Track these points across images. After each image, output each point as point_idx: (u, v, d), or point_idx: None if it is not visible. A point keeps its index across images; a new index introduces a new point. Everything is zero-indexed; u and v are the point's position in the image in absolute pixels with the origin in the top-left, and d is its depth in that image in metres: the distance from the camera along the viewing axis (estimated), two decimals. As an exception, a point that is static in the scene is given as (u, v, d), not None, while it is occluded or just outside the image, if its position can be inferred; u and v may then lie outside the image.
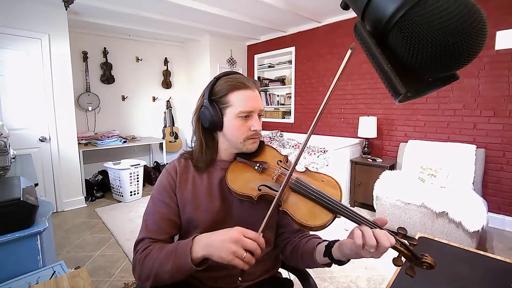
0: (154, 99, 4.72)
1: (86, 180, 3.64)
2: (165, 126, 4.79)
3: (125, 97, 4.36)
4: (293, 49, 4.27)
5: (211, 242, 0.66)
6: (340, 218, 0.70)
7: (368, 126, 3.18)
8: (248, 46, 5.03)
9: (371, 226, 0.63)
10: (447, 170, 2.60)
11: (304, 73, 4.16)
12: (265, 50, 4.70)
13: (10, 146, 1.42)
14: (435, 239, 1.08)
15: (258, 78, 4.85)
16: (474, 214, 2.07)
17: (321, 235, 0.86)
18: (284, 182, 0.68)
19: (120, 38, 4.23)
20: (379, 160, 3.15)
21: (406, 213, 2.42)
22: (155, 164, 4.62)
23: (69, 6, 2.46)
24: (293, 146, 4.03)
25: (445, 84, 0.51)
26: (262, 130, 0.96)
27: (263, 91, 4.76)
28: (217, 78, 0.85)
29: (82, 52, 3.85)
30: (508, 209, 2.61)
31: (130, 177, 3.43)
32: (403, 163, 2.94)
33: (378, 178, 2.76)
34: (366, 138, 3.29)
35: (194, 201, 0.83)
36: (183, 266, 0.67)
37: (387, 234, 0.60)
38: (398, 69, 0.46)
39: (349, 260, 0.71)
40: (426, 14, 0.40)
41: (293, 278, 0.98)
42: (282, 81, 4.56)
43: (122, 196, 3.47)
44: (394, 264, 0.61)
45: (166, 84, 4.80)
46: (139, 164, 3.54)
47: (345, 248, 0.67)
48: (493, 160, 2.65)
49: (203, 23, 3.85)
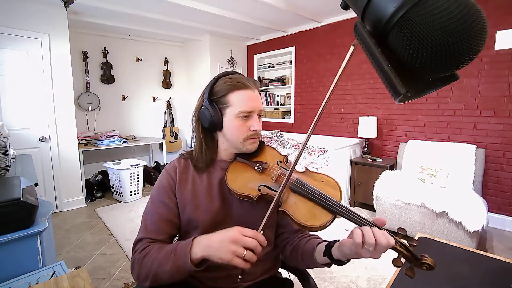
0: (154, 99, 4.72)
1: (86, 180, 3.64)
2: (165, 126, 4.79)
3: (125, 97, 4.36)
4: (293, 49, 4.26)
5: (210, 243, 0.66)
6: (340, 218, 0.70)
7: (368, 126, 3.18)
8: (248, 46, 5.02)
9: (371, 226, 0.64)
10: (447, 170, 2.60)
11: (304, 73, 4.16)
12: (265, 50, 4.70)
13: (10, 146, 1.42)
14: (435, 239, 1.08)
15: (258, 78, 4.85)
16: (474, 214, 2.07)
17: (321, 235, 0.86)
18: (283, 182, 0.68)
19: (120, 38, 4.23)
20: (379, 160, 3.15)
21: (406, 213, 2.42)
22: (155, 164, 4.62)
23: (69, 6, 2.46)
24: (293, 146, 4.03)
25: (445, 84, 0.51)
26: (262, 130, 0.96)
27: (263, 91, 4.76)
28: (217, 78, 0.85)
29: (82, 52, 3.85)
30: (508, 209, 2.61)
31: (130, 177, 3.43)
32: (403, 163, 2.94)
33: (378, 178, 2.76)
34: (366, 138, 3.29)
35: (194, 201, 0.83)
36: (183, 266, 0.67)
37: (386, 234, 0.61)
38: (398, 69, 0.46)
39: (348, 260, 0.71)
40: (426, 14, 0.40)
41: (293, 278, 0.98)
42: (282, 81, 4.56)
43: (122, 196, 3.48)
44: (394, 264, 0.61)
45: (166, 84, 4.80)
46: (139, 164, 3.54)
47: (345, 247, 0.67)
48: (493, 160, 2.65)
49: (203, 23, 3.85)
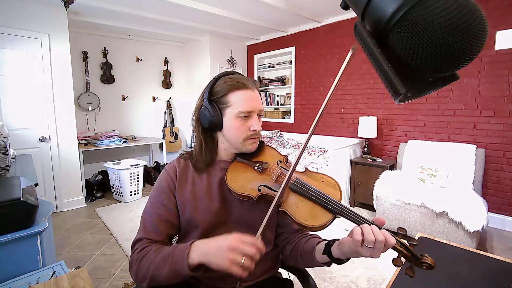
0: (154, 99, 4.72)
1: (86, 180, 3.64)
2: (165, 126, 4.79)
3: (125, 97, 4.36)
4: (293, 49, 4.26)
5: (208, 250, 0.66)
6: (340, 218, 0.70)
7: (368, 126, 3.18)
8: (248, 46, 5.02)
9: (370, 225, 0.64)
10: (447, 170, 2.60)
11: (304, 73, 4.16)
12: (265, 50, 4.70)
13: (10, 146, 1.42)
14: (435, 239, 1.08)
15: (258, 78, 4.85)
16: (474, 214, 2.07)
17: (321, 235, 0.86)
18: (284, 182, 0.68)
19: (120, 38, 4.23)
20: (379, 160, 3.15)
21: (406, 213, 2.42)
22: (155, 164, 4.61)
23: (69, 6, 2.46)
24: (293, 146, 4.03)
25: (445, 84, 0.51)
26: (262, 130, 0.96)
27: (263, 91, 4.76)
28: (216, 78, 0.85)
29: (82, 52, 3.85)
30: (508, 209, 2.61)
31: (130, 177, 3.43)
32: (403, 163, 2.94)
33: (378, 178, 2.76)
34: (366, 138, 3.29)
35: (194, 201, 0.83)
36: (179, 270, 0.68)
37: (386, 233, 0.61)
38: (398, 69, 0.45)
39: (348, 259, 0.71)
40: (426, 14, 0.40)
41: (293, 278, 0.98)
42: (282, 81, 4.56)
43: (122, 196, 3.48)
44: (394, 264, 0.61)
45: (166, 84, 4.80)
46: (139, 164, 3.54)
47: (344, 246, 0.67)
48: (493, 160, 2.65)
49: (203, 23, 3.85)
